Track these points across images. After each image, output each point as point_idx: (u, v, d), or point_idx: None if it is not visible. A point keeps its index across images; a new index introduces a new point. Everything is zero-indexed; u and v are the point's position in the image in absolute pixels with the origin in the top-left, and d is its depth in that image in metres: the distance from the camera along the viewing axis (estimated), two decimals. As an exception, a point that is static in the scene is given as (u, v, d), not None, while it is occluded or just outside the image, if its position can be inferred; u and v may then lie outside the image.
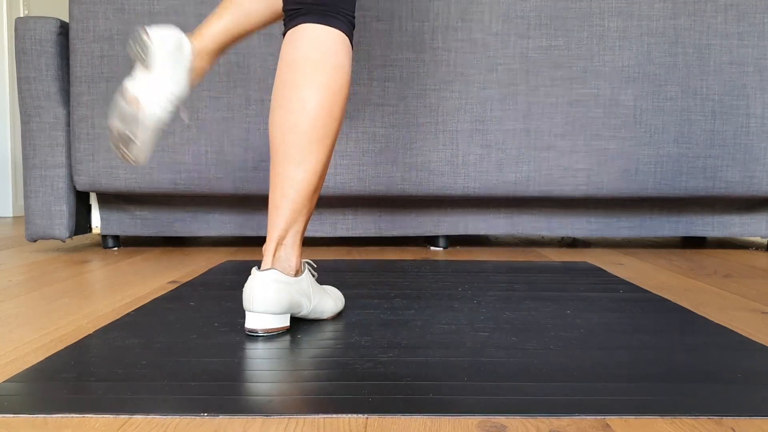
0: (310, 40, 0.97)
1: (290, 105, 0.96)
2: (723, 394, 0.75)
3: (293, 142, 0.96)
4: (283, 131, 0.97)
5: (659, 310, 1.17)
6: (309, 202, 1.00)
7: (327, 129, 0.98)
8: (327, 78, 0.97)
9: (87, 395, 0.74)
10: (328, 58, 0.97)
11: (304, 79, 0.96)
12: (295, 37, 0.98)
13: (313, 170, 0.98)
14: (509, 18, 1.84)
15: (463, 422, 0.68)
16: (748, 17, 1.84)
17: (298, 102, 0.96)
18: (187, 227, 1.98)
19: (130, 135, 1.03)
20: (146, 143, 1.05)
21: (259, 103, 1.85)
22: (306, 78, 0.96)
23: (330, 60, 0.97)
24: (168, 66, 1.04)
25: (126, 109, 1.02)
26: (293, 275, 1.00)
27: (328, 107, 0.97)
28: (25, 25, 1.83)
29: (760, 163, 1.88)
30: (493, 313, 1.13)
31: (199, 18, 1.83)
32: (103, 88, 1.85)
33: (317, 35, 0.97)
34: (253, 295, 0.95)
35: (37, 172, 1.87)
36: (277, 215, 0.98)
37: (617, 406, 0.71)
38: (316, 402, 0.72)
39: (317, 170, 0.98)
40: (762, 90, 1.86)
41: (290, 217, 0.98)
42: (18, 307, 1.19)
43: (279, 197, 0.98)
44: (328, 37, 0.97)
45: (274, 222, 0.98)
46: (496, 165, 1.87)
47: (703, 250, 2.00)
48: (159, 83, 1.04)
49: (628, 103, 1.86)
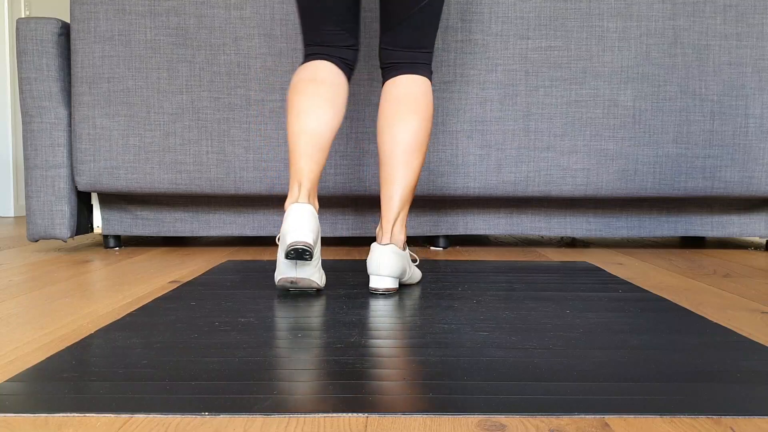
0: (406, 85, 1.34)
1: (393, 128, 1.31)
2: (722, 394, 0.75)
3: (401, 151, 1.30)
4: (394, 144, 1.31)
5: (658, 309, 1.17)
6: (411, 194, 1.33)
7: (423, 142, 1.33)
8: (422, 109, 1.33)
9: (88, 394, 0.74)
10: (421, 97, 1.33)
11: (408, 110, 1.32)
12: (398, 84, 1.34)
13: (414, 171, 1.32)
14: (509, 18, 1.84)
15: (463, 421, 0.68)
16: (746, 18, 1.84)
17: (399, 125, 1.31)
18: (188, 227, 1.98)
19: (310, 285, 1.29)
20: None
21: (259, 104, 1.85)
22: (407, 107, 1.32)
23: (422, 97, 1.34)
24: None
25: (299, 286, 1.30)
26: (401, 249, 1.31)
27: (424, 128, 1.32)
28: (27, 26, 1.84)
29: (759, 163, 1.88)
30: (493, 313, 1.13)
31: (199, 18, 1.83)
32: (104, 88, 1.85)
33: (411, 82, 1.34)
34: (380, 261, 1.26)
35: (38, 172, 1.87)
36: (392, 203, 1.30)
37: (616, 406, 0.71)
38: (317, 401, 0.72)
39: (416, 171, 1.32)
40: (761, 90, 1.86)
41: (400, 205, 1.31)
42: (19, 307, 1.20)
43: (393, 190, 1.30)
44: (421, 83, 1.35)
45: (388, 208, 1.30)
46: (495, 165, 1.87)
47: (702, 250, 2.00)
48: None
49: (627, 103, 1.86)
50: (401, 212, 1.31)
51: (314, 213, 1.23)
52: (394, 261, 1.27)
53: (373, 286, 1.28)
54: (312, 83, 1.30)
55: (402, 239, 1.32)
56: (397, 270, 1.27)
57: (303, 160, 1.27)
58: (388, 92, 1.35)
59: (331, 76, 1.32)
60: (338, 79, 1.33)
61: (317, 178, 1.28)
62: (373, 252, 1.28)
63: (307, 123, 1.28)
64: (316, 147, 1.28)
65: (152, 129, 1.86)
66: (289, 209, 1.22)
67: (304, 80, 1.31)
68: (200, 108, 1.86)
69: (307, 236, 1.18)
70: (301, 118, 1.28)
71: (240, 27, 1.84)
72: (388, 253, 1.26)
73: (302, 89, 1.30)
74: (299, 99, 1.29)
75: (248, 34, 1.84)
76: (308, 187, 1.25)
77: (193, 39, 1.84)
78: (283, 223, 1.24)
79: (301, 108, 1.29)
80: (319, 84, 1.30)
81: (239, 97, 1.85)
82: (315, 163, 1.27)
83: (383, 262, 1.26)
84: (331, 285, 1.38)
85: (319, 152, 1.29)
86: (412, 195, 1.34)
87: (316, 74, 1.32)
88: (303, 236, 1.18)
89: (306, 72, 1.33)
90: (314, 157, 1.27)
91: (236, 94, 1.85)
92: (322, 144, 1.29)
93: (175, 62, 1.84)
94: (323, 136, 1.28)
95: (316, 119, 1.28)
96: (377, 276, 1.27)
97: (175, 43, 1.84)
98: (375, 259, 1.27)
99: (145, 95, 1.85)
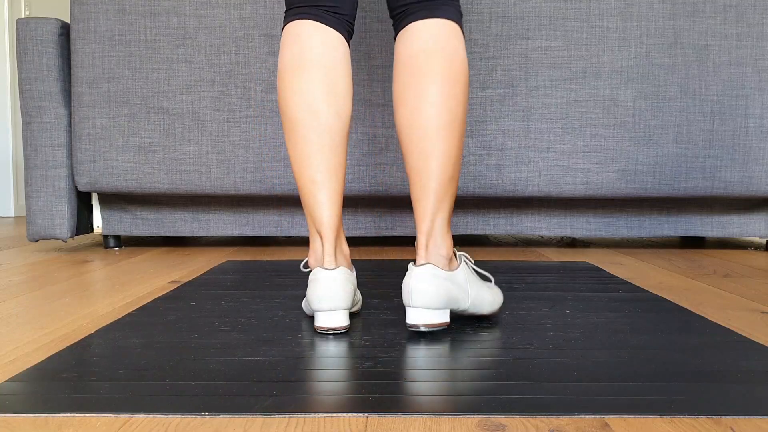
0: (421, 35, 0.97)
1: (410, 101, 0.97)
2: (722, 394, 0.75)
3: (419, 135, 0.97)
4: (407, 127, 0.97)
5: (658, 309, 1.17)
6: (449, 190, 0.98)
7: (452, 114, 0.96)
8: (453, 69, 0.96)
9: (88, 394, 0.74)
10: (451, 50, 0.96)
11: (419, 72, 0.96)
12: (407, 35, 0.98)
13: (445, 157, 0.97)
14: (509, 18, 1.84)
15: (463, 421, 0.68)
16: (746, 18, 1.84)
17: (416, 96, 0.96)
18: (188, 227, 1.98)
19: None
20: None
21: (259, 104, 1.85)
22: (422, 70, 0.96)
23: (452, 51, 0.96)
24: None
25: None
26: (448, 266, 0.99)
27: (449, 94, 0.96)
28: (27, 26, 1.84)
29: (759, 163, 1.88)
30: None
31: (199, 18, 1.83)
32: (105, 88, 1.85)
33: (428, 29, 0.97)
34: (411, 290, 0.95)
35: (38, 172, 1.87)
36: (421, 208, 0.98)
37: (616, 406, 0.71)
38: (317, 401, 0.72)
39: (450, 156, 0.97)
40: (761, 90, 1.86)
41: (433, 207, 0.98)
42: (19, 307, 1.20)
43: (419, 190, 0.98)
44: (440, 29, 0.97)
45: (419, 216, 0.99)
46: (495, 165, 1.87)
47: (701, 250, 2.00)
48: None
49: (627, 103, 1.86)
50: (438, 216, 0.98)
51: (346, 277, 0.98)
52: (431, 287, 0.95)
53: (409, 322, 0.96)
54: (299, 72, 0.98)
55: (445, 252, 0.99)
56: (438, 299, 0.95)
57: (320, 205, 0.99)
58: (401, 48, 0.99)
59: (323, 50, 0.98)
60: (336, 52, 1.00)
61: (340, 219, 1.01)
62: (406, 276, 0.97)
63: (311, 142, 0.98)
64: (330, 174, 0.99)
65: (152, 129, 1.86)
66: (315, 276, 0.97)
67: (290, 68, 0.99)
68: (200, 108, 1.86)
69: (339, 319, 0.97)
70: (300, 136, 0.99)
71: (240, 27, 1.84)
72: (425, 277, 0.95)
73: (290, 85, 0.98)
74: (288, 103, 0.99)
75: (248, 34, 1.84)
76: (332, 240, 1.00)
77: (193, 39, 1.84)
78: (309, 285, 0.99)
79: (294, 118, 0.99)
80: (310, 69, 0.97)
81: (239, 97, 1.85)
82: (334, 202, 1.00)
83: (416, 288, 0.94)
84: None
85: (335, 179, 1.00)
86: (454, 190, 0.99)
87: (303, 53, 0.98)
88: (335, 321, 0.98)
89: (291, 51, 0.99)
90: (330, 192, 0.99)
91: (236, 94, 1.85)
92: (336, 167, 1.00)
93: (175, 62, 1.84)
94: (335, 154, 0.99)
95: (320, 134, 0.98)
96: (411, 309, 0.96)
97: (175, 43, 1.84)
98: (406, 286, 0.96)
99: (145, 95, 1.85)
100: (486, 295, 1.04)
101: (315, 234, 1.02)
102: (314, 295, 0.97)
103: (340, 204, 1.01)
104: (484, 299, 1.04)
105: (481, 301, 1.03)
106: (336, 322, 0.98)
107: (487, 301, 1.04)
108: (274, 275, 1.49)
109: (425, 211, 0.98)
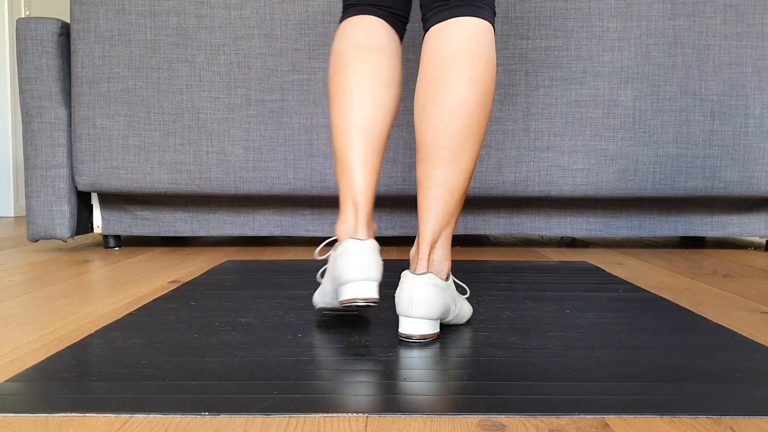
0: (461, 34, 0.92)
1: (445, 102, 0.92)
2: (722, 394, 0.75)
3: (448, 142, 0.92)
4: (436, 130, 0.92)
5: (658, 309, 1.17)
6: (461, 203, 0.96)
7: (481, 126, 0.93)
8: (481, 73, 0.92)
9: (88, 394, 0.74)
10: (481, 52, 0.93)
11: (459, 75, 0.91)
12: (447, 32, 0.93)
13: (466, 169, 0.94)
14: (509, 18, 1.84)
15: (463, 421, 0.68)
16: (746, 18, 1.84)
17: (452, 98, 0.91)
18: (188, 227, 1.98)
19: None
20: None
21: (259, 104, 1.85)
22: (462, 74, 0.91)
23: (483, 54, 0.93)
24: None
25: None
26: (444, 279, 0.97)
27: (483, 103, 0.92)
28: (27, 26, 1.84)
29: (759, 163, 1.88)
30: (493, 313, 1.13)
31: (199, 18, 1.83)
32: (105, 88, 1.85)
33: (468, 28, 0.93)
34: (414, 298, 0.91)
35: (38, 172, 1.87)
36: (430, 218, 0.94)
37: (616, 405, 0.71)
38: (317, 401, 0.72)
39: (470, 169, 0.94)
40: (761, 90, 1.86)
41: (443, 220, 0.95)
42: (19, 307, 1.20)
43: (432, 200, 0.94)
44: (480, 30, 0.93)
45: (426, 225, 0.95)
46: (495, 165, 1.87)
47: (701, 250, 2.00)
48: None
49: (627, 103, 1.86)
50: (446, 228, 0.96)
51: (377, 250, 0.95)
52: (434, 297, 0.92)
53: (403, 332, 0.94)
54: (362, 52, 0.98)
55: (446, 267, 0.98)
56: (438, 309, 0.93)
57: (357, 170, 0.98)
58: (430, 46, 0.95)
59: (385, 41, 1.00)
60: (393, 44, 1.01)
61: (374, 194, 0.99)
62: (404, 284, 0.93)
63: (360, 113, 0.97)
64: (373, 147, 0.98)
65: (152, 129, 1.86)
66: (346, 247, 0.94)
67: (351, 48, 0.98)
68: (200, 108, 1.86)
69: (372, 290, 0.93)
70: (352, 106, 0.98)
71: (240, 27, 1.84)
72: (425, 287, 0.92)
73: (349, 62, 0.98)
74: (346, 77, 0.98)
75: (248, 34, 1.84)
76: (367, 210, 0.98)
77: (193, 39, 1.84)
78: (336, 259, 0.95)
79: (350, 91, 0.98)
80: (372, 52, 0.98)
81: (239, 97, 1.85)
82: (371, 172, 0.98)
83: (417, 298, 0.91)
84: (331, 285, 1.38)
85: (375, 155, 0.99)
86: (461, 204, 0.97)
87: (367, 38, 0.99)
88: (368, 291, 0.93)
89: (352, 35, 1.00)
90: (370, 164, 0.98)
91: (236, 94, 1.85)
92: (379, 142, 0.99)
93: (175, 62, 1.84)
94: (381, 130, 0.99)
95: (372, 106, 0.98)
96: (409, 319, 0.93)
97: (175, 43, 1.84)
98: (406, 295, 0.92)
99: (145, 95, 1.85)
100: (465, 308, 1.05)
101: (348, 204, 0.99)
102: (345, 265, 0.92)
103: (377, 180, 1.00)
104: (464, 311, 1.04)
105: (463, 313, 1.04)
106: (368, 292, 0.92)
107: (466, 313, 1.05)
108: (274, 275, 1.49)
109: (436, 222, 0.94)
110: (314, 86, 1.85)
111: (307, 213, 1.98)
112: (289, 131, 1.86)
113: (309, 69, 1.84)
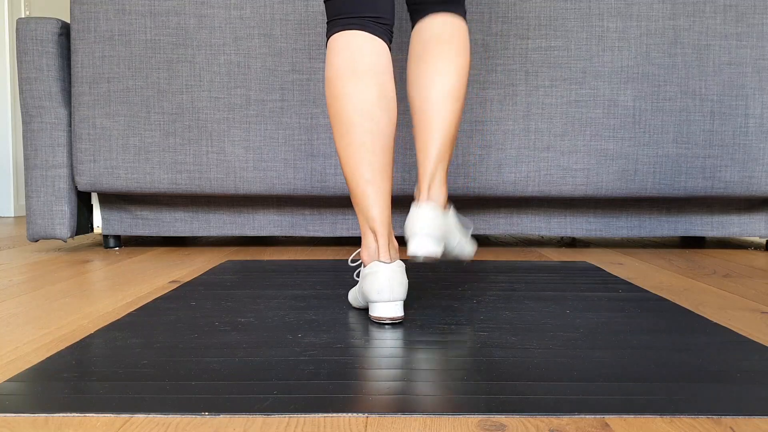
0: (444, 24, 1.16)
1: (438, 67, 1.14)
2: (722, 394, 0.75)
3: (441, 96, 1.13)
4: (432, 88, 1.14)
5: (658, 309, 1.17)
6: (451, 147, 1.17)
7: (462, 89, 1.17)
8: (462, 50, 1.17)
9: (88, 394, 0.74)
10: (462, 37, 1.18)
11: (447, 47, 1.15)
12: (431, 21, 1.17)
13: (454, 120, 1.15)
14: (509, 18, 1.84)
15: (463, 421, 0.68)
16: (746, 18, 1.84)
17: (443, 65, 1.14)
18: (188, 227, 1.98)
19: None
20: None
21: (259, 104, 1.85)
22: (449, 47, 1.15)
23: (463, 38, 1.18)
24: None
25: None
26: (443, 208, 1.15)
27: (464, 73, 1.17)
28: (27, 26, 1.84)
29: (759, 163, 1.88)
30: (493, 313, 1.13)
31: (199, 18, 1.83)
32: (105, 88, 1.85)
33: (452, 20, 1.17)
34: (418, 218, 1.08)
35: (38, 172, 1.87)
36: (426, 156, 1.14)
37: (616, 406, 0.71)
38: (317, 401, 0.72)
39: (456, 120, 1.16)
40: (761, 90, 1.86)
41: (437, 157, 1.14)
42: (19, 307, 1.20)
43: (430, 143, 1.14)
44: (460, 24, 1.18)
45: (425, 164, 1.14)
46: (495, 165, 1.87)
47: (702, 250, 2.00)
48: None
49: (627, 103, 1.86)
50: (440, 165, 1.14)
51: (401, 271, 1.06)
52: (437, 218, 1.08)
53: (412, 250, 1.07)
54: (354, 78, 1.06)
55: (443, 198, 1.15)
56: (439, 230, 1.08)
57: (370, 200, 1.07)
58: (422, 30, 1.17)
59: (375, 59, 1.08)
60: (383, 59, 1.09)
61: (390, 218, 1.10)
62: (410, 213, 1.10)
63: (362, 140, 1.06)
64: (380, 173, 1.07)
65: (152, 129, 1.86)
66: (372, 269, 1.05)
67: (343, 75, 1.06)
68: (200, 108, 1.86)
69: (397, 309, 1.05)
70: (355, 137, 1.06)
71: (240, 27, 1.84)
72: (428, 211, 1.08)
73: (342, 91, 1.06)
74: (343, 106, 1.06)
75: (248, 34, 1.84)
76: (386, 236, 1.07)
77: (193, 39, 1.84)
78: (364, 278, 1.07)
79: (348, 122, 1.06)
80: (363, 76, 1.06)
81: (239, 97, 1.85)
82: (384, 198, 1.08)
83: (423, 216, 1.07)
84: (331, 285, 1.38)
85: (384, 179, 1.08)
86: (452, 149, 1.17)
87: (358, 62, 1.06)
88: (394, 311, 1.05)
89: (343, 58, 1.07)
90: (381, 190, 1.08)
91: (236, 94, 1.85)
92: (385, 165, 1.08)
93: (175, 62, 1.84)
94: (384, 153, 1.08)
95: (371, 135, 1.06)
96: (416, 236, 1.07)
97: (175, 43, 1.84)
98: (412, 219, 1.08)
99: (145, 95, 1.85)
100: (466, 242, 1.23)
101: (367, 231, 1.09)
102: (372, 286, 1.04)
103: (390, 202, 1.10)
104: (467, 244, 1.23)
105: (463, 246, 1.22)
106: (394, 312, 1.05)
107: (468, 249, 1.24)
108: (274, 275, 1.49)
109: (431, 159, 1.13)
110: (314, 86, 1.85)
111: (307, 213, 1.98)
112: (289, 131, 1.86)
113: (309, 69, 1.84)
